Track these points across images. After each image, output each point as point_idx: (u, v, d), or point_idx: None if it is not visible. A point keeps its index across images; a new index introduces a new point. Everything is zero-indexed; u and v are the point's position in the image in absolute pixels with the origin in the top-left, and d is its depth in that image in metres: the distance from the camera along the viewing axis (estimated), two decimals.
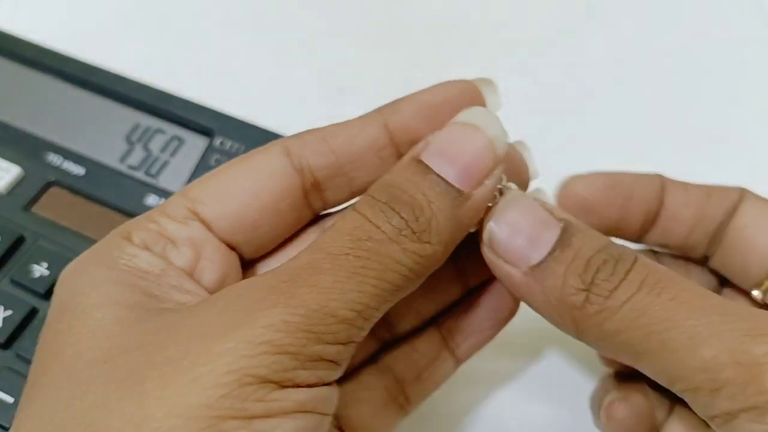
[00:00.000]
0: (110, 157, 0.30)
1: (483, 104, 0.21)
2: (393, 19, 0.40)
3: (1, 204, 0.28)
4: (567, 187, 0.22)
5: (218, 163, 0.30)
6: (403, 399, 0.22)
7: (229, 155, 0.30)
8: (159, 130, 0.31)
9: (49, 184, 0.29)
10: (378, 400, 0.22)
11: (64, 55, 0.32)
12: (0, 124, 0.31)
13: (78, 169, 0.30)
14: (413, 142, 0.20)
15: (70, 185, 0.29)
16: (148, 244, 0.18)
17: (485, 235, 0.19)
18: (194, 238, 0.19)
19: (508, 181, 0.21)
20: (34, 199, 0.29)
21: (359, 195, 0.20)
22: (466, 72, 0.38)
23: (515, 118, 0.36)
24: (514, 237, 0.19)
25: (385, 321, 0.22)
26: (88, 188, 0.29)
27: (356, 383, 0.22)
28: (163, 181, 0.30)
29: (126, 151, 0.30)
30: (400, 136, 0.20)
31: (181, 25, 0.40)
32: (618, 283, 0.17)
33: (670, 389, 0.17)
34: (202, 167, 0.30)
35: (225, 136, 0.30)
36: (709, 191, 0.22)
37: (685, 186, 0.23)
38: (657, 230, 0.23)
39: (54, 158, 0.30)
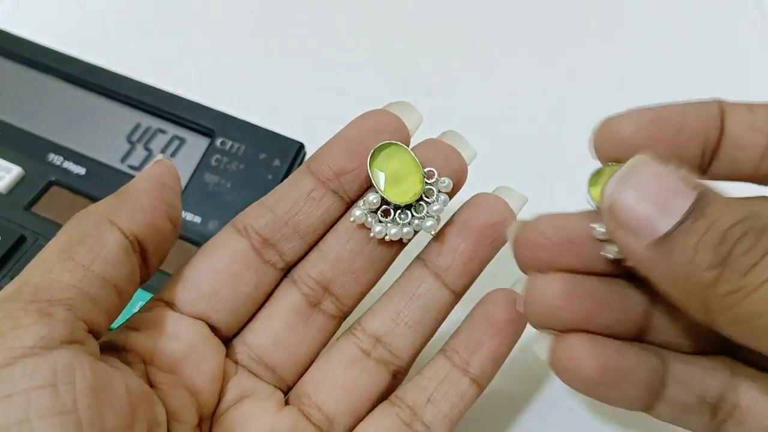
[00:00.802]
0: (111, 157, 0.30)
1: (401, 127, 0.23)
2: (393, 19, 0.41)
3: (1, 204, 0.28)
4: (604, 129, 0.20)
5: (218, 163, 0.30)
6: (421, 426, 0.22)
7: (230, 155, 0.30)
8: (160, 131, 0.31)
9: (49, 184, 0.29)
10: (388, 428, 0.22)
11: (64, 55, 0.32)
12: (1, 124, 0.31)
13: (79, 169, 0.30)
14: (340, 176, 0.22)
15: (71, 185, 0.29)
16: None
17: (605, 201, 0.17)
18: (154, 319, 0.21)
19: (441, 175, 0.22)
20: (35, 199, 0.29)
21: (311, 238, 0.23)
22: (465, 72, 0.38)
23: (514, 118, 0.36)
24: (640, 205, 0.16)
25: (390, 352, 0.22)
26: (89, 188, 0.29)
27: (368, 418, 0.22)
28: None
29: (127, 151, 0.30)
30: (326, 175, 0.22)
31: (181, 25, 0.40)
32: (760, 257, 0.15)
33: None
34: (203, 167, 0.30)
35: (226, 136, 0.30)
36: None
37: (749, 107, 0.20)
38: (721, 163, 0.19)
39: (55, 158, 0.30)
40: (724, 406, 0.19)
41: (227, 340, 0.23)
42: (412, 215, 0.22)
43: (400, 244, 0.23)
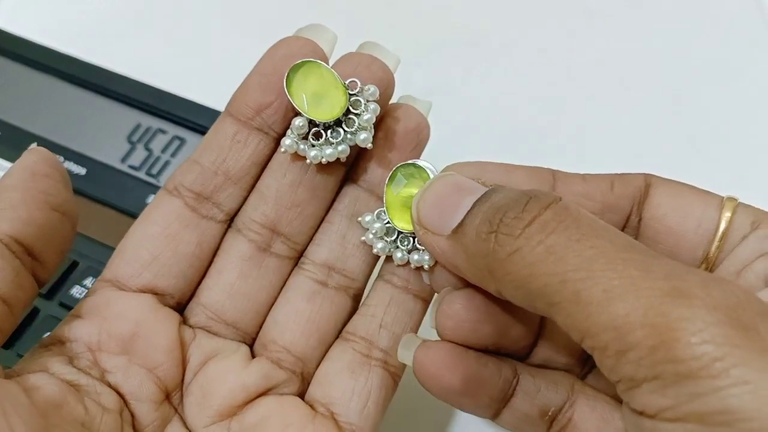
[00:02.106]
0: (111, 157, 0.30)
1: (315, 49, 0.22)
2: (393, 19, 0.41)
3: None
4: (456, 167, 0.21)
5: None
6: (379, 352, 0.22)
7: None
8: (160, 130, 0.31)
9: None
10: (348, 364, 0.22)
11: (65, 55, 0.32)
12: (1, 123, 0.31)
13: (79, 169, 0.30)
14: (260, 112, 0.21)
15: (71, 185, 0.29)
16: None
17: (414, 213, 0.20)
18: (98, 303, 0.20)
19: (366, 83, 0.21)
20: None
21: (246, 182, 0.22)
22: (466, 72, 0.38)
23: (514, 118, 0.36)
24: (435, 207, 0.19)
25: (346, 276, 0.22)
26: (89, 188, 0.29)
27: (326, 361, 0.22)
28: (165, 182, 0.30)
29: (127, 151, 0.30)
30: (246, 114, 0.21)
31: (182, 25, 0.40)
32: (530, 220, 0.16)
33: (582, 345, 0.16)
34: None
35: None
36: (612, 180, 0.21)
37: (582, 177, 0.21)
38: None
39: None
40: (560, 419, 0.20)
41: (182, 306, 0.22)
42: (345, 131, 0.21)
43: (339, 165, 0.22)
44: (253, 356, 0.22)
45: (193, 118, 0.31)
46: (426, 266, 0.21)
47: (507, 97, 0.37)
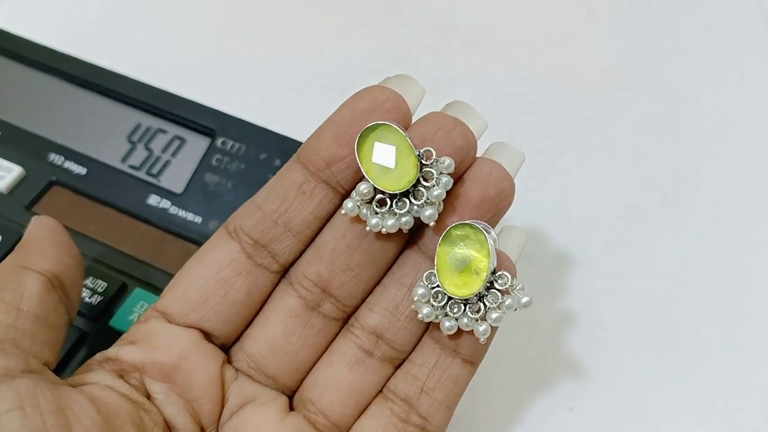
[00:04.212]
0: (112, 157, 0.30)
1: (400, 104, 0.20)
2: (393, 19, 0.41)
3: (2, 203, 0.28)
4: None
5: (219, 163, 0.30)
6: (418, 418, 0.21)
7: (231, 155, 0.30)
8: (160, 130, 0.31)
9: (50, 184, 0.29)
10: (384, 426, 0.21)
11: (65, 55, 0.32)
12: (1, 123, 0.31)
13: (79, 169, 0.30)
14: (331, 165, 0.20)
15: (72, 185, 0.29)
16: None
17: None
18: (147, 332, 0.21)
19: (442, 154, 0.20)
20: (36, 199, 0.29)
21: (304, 235, 0.21)
22: (466, 72, 0.38)
23: (515, 118, 0.36)
24: None
25: (393, 348, 0.22)
26: (90, 188, 0.29)
27: (362, 418, 0.21)
28: (165, 181, 0.30)
29: (127, 151, 0.30)
30: (316, 165, 0.20)
31: (182, 25, 0.40)
32: None
33: None
34: (203, 167, 0.30)
35: (226, 136, 0.30)
36: None
37: None
38: None
39: (56, 158, 0.30)
40: None
41: (228, 346, 0.22)
42: (411, 202, 0.20)
43: (401, 235, 0.21)
44: (292, 408, 0.22)
45: (193, 118, 0.31)
46: (482, 339, 0.20)
47: (506, 98, 0.37)
